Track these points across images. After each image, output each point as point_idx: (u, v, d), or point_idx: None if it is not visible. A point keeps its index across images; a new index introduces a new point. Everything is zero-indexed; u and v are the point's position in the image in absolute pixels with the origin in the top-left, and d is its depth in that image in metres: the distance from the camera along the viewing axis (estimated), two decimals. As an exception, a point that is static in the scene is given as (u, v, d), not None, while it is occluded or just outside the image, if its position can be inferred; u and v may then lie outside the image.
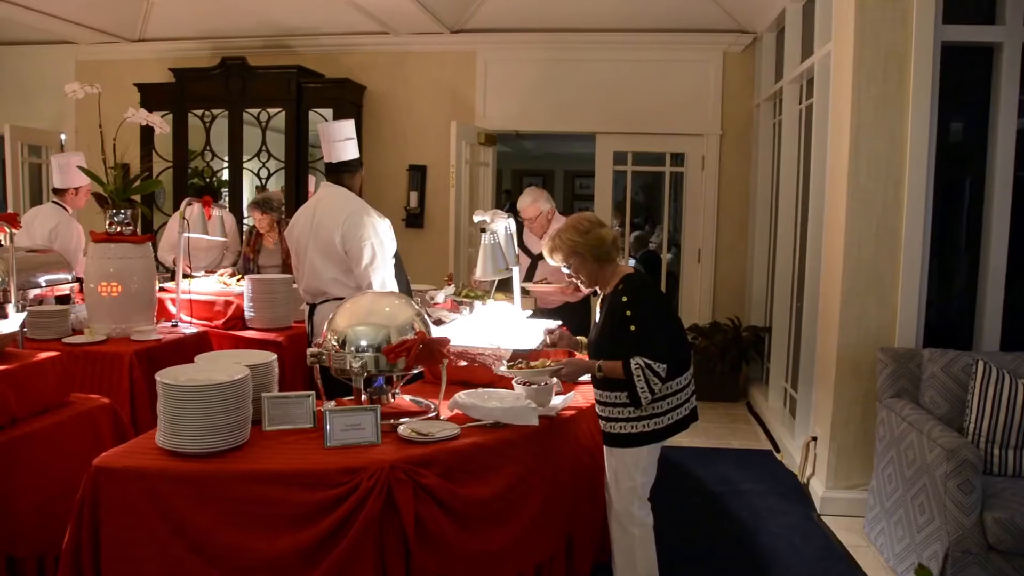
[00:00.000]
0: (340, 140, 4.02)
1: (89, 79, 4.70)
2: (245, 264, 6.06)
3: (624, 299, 3.09)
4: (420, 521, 2.62)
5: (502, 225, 4.02)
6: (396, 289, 4.03)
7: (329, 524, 2.53)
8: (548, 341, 3.60)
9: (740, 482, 5.09)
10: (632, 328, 3.04)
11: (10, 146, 7.85)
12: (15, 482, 2.98)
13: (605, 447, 3.24)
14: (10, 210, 7.34)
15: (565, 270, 3.29)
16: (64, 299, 4.72)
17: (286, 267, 5.62)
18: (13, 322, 3.37)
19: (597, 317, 3.31)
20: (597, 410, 3.24)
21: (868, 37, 4.26)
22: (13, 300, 3.84)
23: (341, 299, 3.91)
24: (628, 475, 3.17)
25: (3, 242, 4.07)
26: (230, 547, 2.54)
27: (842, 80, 4.50)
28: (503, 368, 3.25)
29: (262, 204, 5.93)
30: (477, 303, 4.33)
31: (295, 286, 4.48)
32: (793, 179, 6.19)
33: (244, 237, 6.44)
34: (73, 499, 2.67)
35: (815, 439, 4.82)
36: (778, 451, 5.74)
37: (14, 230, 3.69)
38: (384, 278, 3.92)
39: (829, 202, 4.79)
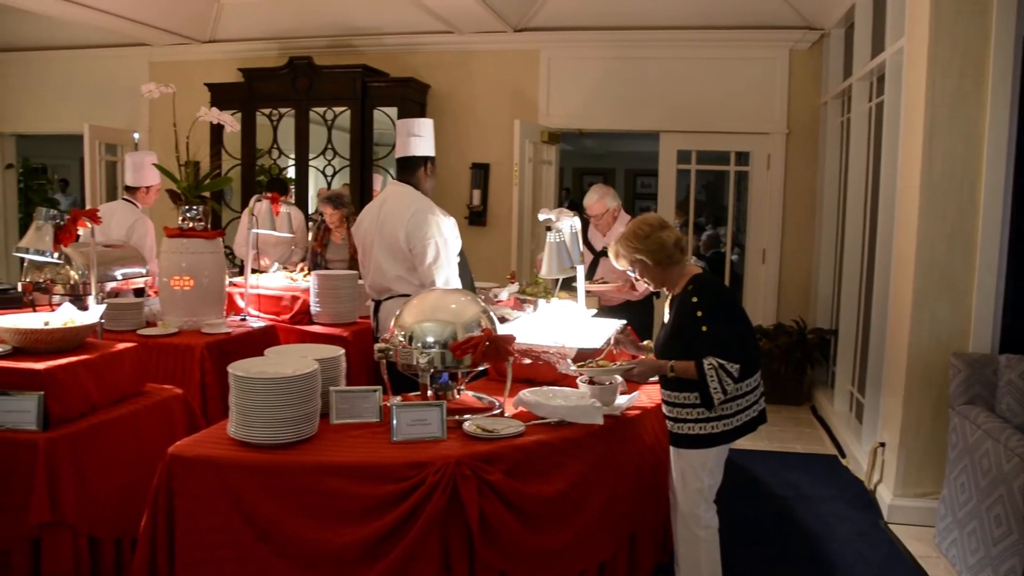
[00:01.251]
0: (414, 135, 4.04)
1: (162, 80, 4.83)
2: (313, 258, 6.16)
3: (694, 299, 3.07)
4: (484, 517, 2.63)
5: (567, 224, 4.01)
6: (461, 286, 4.06)
7: (394, 518, 2.56)
8: (612, 341, 3.60)
9: (805, 487, 5.01)
10: (704, 328, 3.02)
11: (88, 145, 8.12)
12: (95, 467, 3.08)
13: (672, 448, 3.22)
14: (88, 206, 7.55)
15: (630, 274, 3.28)
16: (139, 292, 4.86)
17: (353, 262, 5.68)
18: (93, 313, 3.47)
19: (665, 318, 3.28)
20: (664, 410, 3.21)
21: (944, 31, 4.15)
22: (93, 292, 3.96)
23: (406, 296, 3.96)
24: (695, 476, 3.14)
25: (83, 237, 4.19)
26: (296, 537, 2.59)
27: (915, 76, 4.39)
28: (573, 366, 3.25)
29: (334, 199, 6.01)
30: (541, 301, 4.33)
31: (360, 282, 4.53)
32: (862, 178, 6.06)
33: (312, 232, 6.54)
34: (149, 485, 2.76)
35: (883, 445, 4.71)
36: (843, 456, 5.63)
37: (95, 224, 3.80)
38: (448, 276, 3.93)
39: (900, 202, 4.67)
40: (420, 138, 4.04)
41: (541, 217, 4.12)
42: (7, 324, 3.24)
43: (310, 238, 6.49)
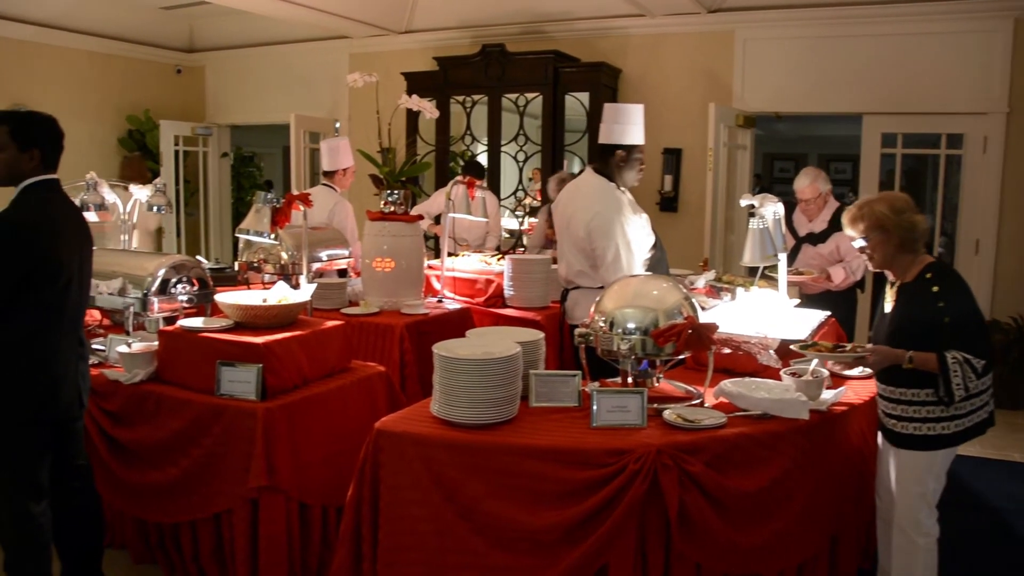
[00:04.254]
0: (613, 123, 3.97)
1: (361, 70, 5.01)
2: (547, 244, 6.14)
3: (935, 288, 2.87)
4: (684, 508, 2.57)
5: (771, 210, 3.85)
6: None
7: (593, 504, 2.54)
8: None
9: (1025, 498, 4.61)
10: (946, 320, 2.81)
11: (294, 133, 8.62)
12: (306, 437, 3.26)
13: (892, 448, 3.01)
14: (293, 191, 8.00)
15: (856, 244, 3.04)
16: (342, 273, 5.09)
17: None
18: (305, 292, 3.66)
19: (886, 307, 3.07)
20: (884, 407, 3.02)
21: None
22: (305, 272, 4.18)
23: (589, 288, 4.00)
24: (918, 480, 2.93)
25: (294, 220, 4.43)
26: (496, 517, 2.62)
27: None
28: (795, 348, 3.10)
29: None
30: (739, 289, 4.19)
31: (554, 267, 4.56)
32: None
33: (545, 216, 6.42)
34: (353, 457, 2.88)
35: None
36: (1070, 467, 5.14)
37: (307, 208, 4.01)
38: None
39: None
40: (618, 126, 3.96)
41: (743, 203, 3.98)
42: (229, 300, 3.48)
43: (548, 225, 6.39)
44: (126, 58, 9.73)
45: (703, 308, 3.92)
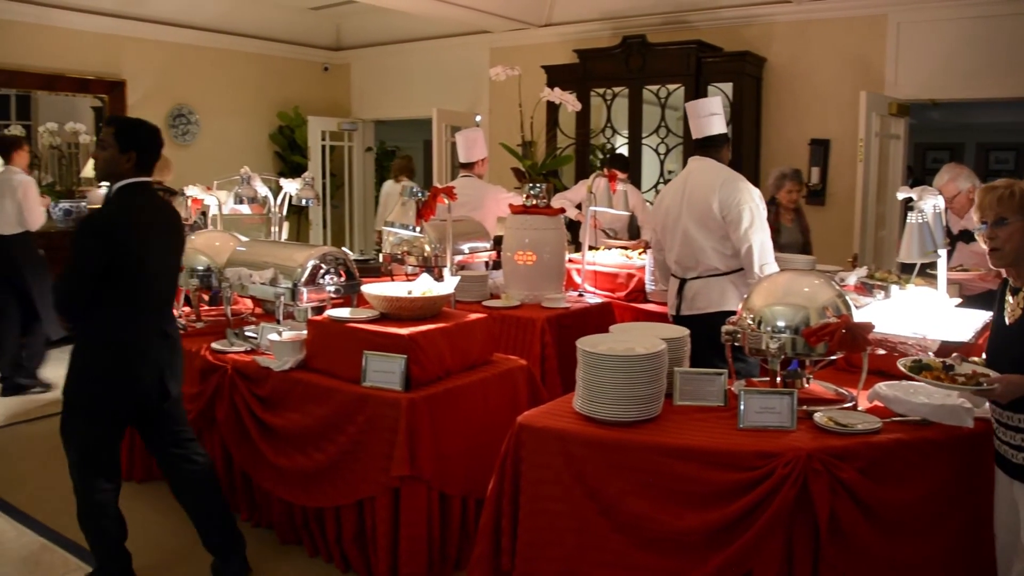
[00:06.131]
0: (705, 116, 4.11)
1: (502, 64, 5.04)
2: None
3: None
4: (835, 517, 2.45)
5: (931, 203, 3.63)
6: (773, 253, 4.00)
7: (739, 508, 2.47)
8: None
9: None
10: None
11: (436, 127, 8.79)
12: (448, 428, 3.31)
13: (1016, 483, 2.55)
14: (435, 184, 8.15)
15: (978, 228, 2.56)
16: (496, 266, 5.15)
17: (806, 247, 5.73)
18: (449, 284, 3.72)
19: (1006, 316, 2.57)
20: (1002, 436, 2.54)
21: None
22: (449, 265, 4.25)
23: (715, 275, 4.00)
24: None
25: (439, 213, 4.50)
26: (637, 516, 2.59)
27: None
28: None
29: (798, 175, 5.83)
30: (894, 287, 3.98)
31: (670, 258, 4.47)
32: None
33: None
34: (493, 449, 2.90)
35: None
36: None
37: (451, 201, 4.06)
38: (763, 241, 3.92)
39: None
40: (716, 116, 4.11)
41: (900, 195, 3.78)
42: (375, 292, 3.57)
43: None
44: (277, 57, 10.18)
45: (856, 306, 3.76)
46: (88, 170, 7.57)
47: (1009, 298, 2.57)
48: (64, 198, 7.88)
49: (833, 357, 2.91)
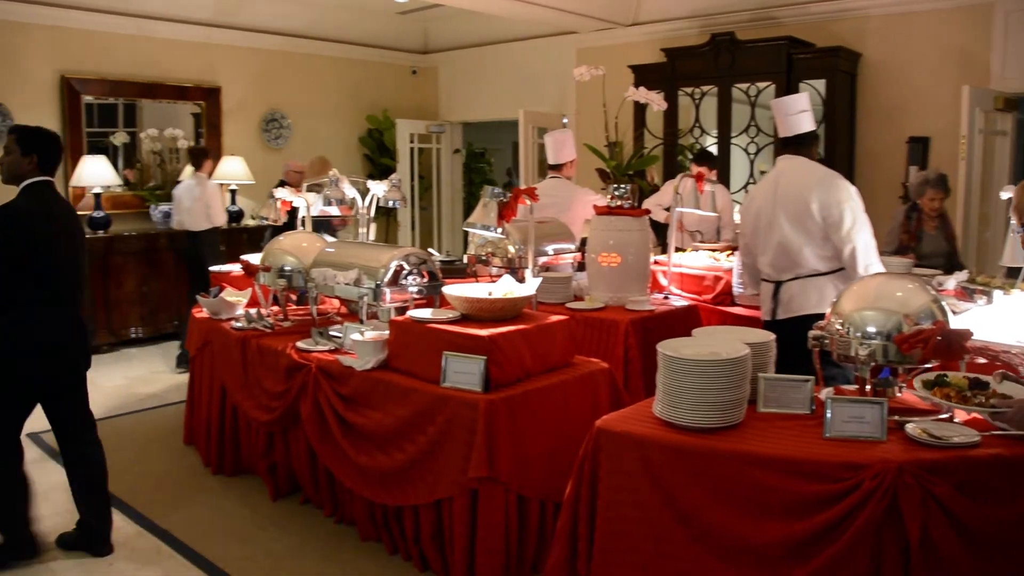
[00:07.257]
0: (794, 113, 4.00)
1: (588, 64, 4.99)
2: (903, 252, 5.46)
3: None
4: (926, 534, 2.33)
5: (1037, 204, 3.45)
6: (877, 252, 3.83)
7: (823, 521, 2.37)
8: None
9: None
10: None
11: (523, 129, 8.81)
12: (527, 431, 3.30)
13: None
14: (522, 185, 8.16)
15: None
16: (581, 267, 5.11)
17: (951, 257, 5.38)
18: (530, 286, 3.70)
19: None
20: None
21: None
22: (530, 266, 4.23)
23: (814, 275, 3.85)
24: None
25: (522, 214, 4.48)
26: (716, 526, 2.52)
27: None
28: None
29: (943, 181, 5.41)
30: (997, 292, 3.80)
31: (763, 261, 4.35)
32: None
33: (900, 220, 5.73)
34: (572, 453, 2.87)
35: None
36: None
37: (533, 202, 4.05)
38: (867, 241, 3.76)
39: None
40: (805, 113, 4.01)
41: (1004, 195, 3.61)
42: (456, 293, 3.58)
43: (900, 229, 5.69)
44: (366, 62, 10.36)
45: (954, 312, 3.59)
46: (186, 174, 7.83)
47: None
48: (164, 201, 8.16)
49: (927, 365, 2.78)
